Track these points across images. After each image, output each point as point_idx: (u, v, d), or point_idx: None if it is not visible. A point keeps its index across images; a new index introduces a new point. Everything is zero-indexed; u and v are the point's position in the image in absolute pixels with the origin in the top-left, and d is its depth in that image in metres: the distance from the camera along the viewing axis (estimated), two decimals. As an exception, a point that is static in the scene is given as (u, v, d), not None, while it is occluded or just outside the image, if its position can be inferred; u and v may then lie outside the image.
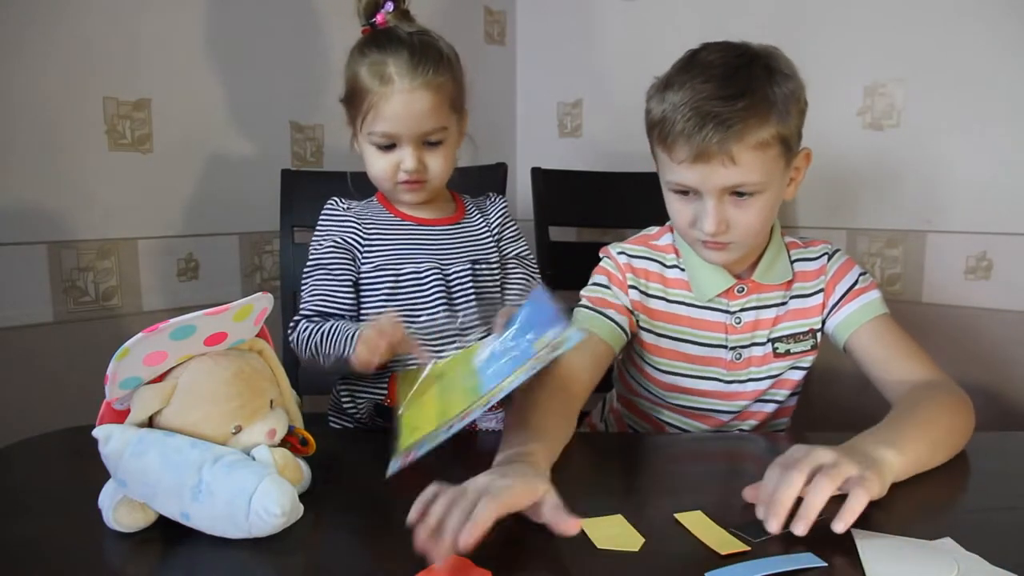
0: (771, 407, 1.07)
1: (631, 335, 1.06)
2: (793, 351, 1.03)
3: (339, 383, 1.08)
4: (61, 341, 1.32)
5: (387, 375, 1.00)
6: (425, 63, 0.98)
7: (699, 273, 1.02)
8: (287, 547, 0.65)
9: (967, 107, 1.38)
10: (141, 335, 0.65)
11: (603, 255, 1.08)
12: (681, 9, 1.70)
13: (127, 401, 0.70)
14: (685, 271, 1.04)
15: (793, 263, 1.04)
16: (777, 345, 1.03)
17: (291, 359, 1.01)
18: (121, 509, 0.66)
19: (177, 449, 0.66)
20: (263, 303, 0.73)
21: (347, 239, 1.05)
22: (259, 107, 1.54)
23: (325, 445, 0.79)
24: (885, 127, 1.48)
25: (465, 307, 1.05)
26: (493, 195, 1.17)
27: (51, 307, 1.31)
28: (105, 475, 0.68)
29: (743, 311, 1.02)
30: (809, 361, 1.05)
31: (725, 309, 1.02)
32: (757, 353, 1.03)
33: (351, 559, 0.66)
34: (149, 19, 1.38)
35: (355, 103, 1.01)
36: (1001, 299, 1.39)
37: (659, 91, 0.94)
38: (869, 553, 0.62)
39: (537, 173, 1.56)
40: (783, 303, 1.03)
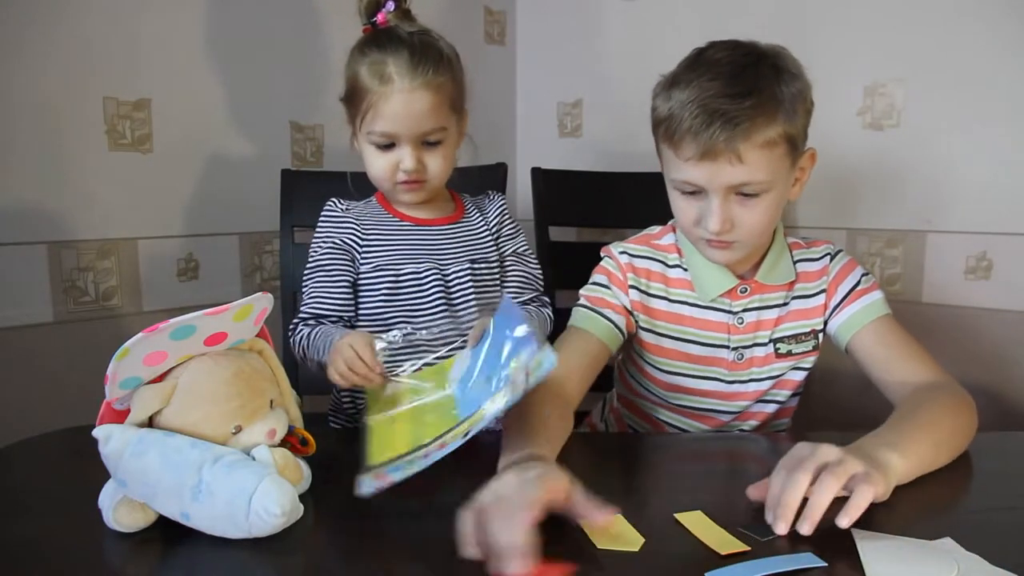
0: (772, 407, 1.06)
1: (630, 335, 1.06)
2: (795, 351, 1.03)
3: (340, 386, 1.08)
4: (61, 341, 1.32)
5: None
6: (425, 63, 0.98)
7: (702, 273, 1.02)
8: (287, 547, 0.65)
9: (967, 107, 1.38)
10: (141, 335, 0.65)
11: (604, 254, 1.08)
12: (681, 9, 1.70)
13: (127, 401, 0.70)
14: (688, 271, 1.04)
15: (796, 263, 1.04)
16: (779, 346, 1.03)
17: (291, 359, 1.01)
18: (121, 509, 0.66)
19: (177, 449, 0.66)
20: (263, 303, 0.73)
21: (345, 240, 1.05)
22: (259, 107, 1.54)
23: (325, 445, 0.79)
24: (885, 127, 1.48)
25: (464, 307, 1.05)
26: (492, 193, 1.17)
27: (51, 307, 1.31)
28: (105, 475, 0.68)
29: (745, 311, 1.02)
30: (811, 362, 1.05)
31: (727, 309, 1.02)
32: (759, 354, 1.03)
33: (351, 559, 0.66)
34: (149, 19, 1.38)
35: (355, 102, 1.01)
36: (1001, 299, 1.39)
37: (665, 88, 0.93)
38: (869, 553, 0.62)
39: (537, 173, 1.55)
40: (785, 303, 1.03)
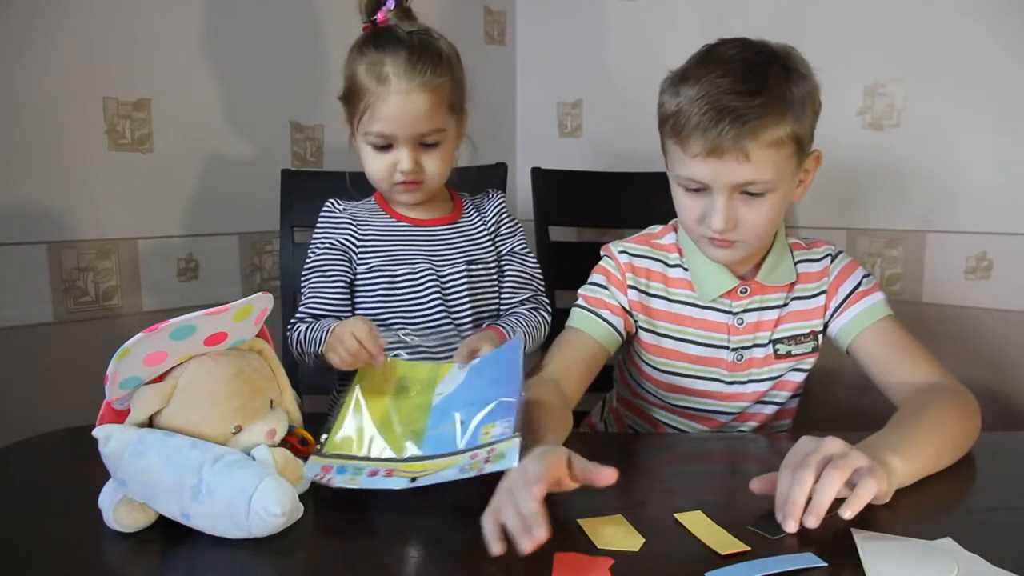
0: (771, 409, 1.06)
1: (630, 336, 1.06)
2: (794, 352, 1.03)
3: (339, 383, 1.08)
4: (61, 341, 1.32)
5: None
6: (423, 64, 0.97)
7: (702, 273, 1.02)
8: (287, 547, 0.65)
9: (967, 107, 1.38)
10: (141, 335, 0.65)
11: (604, 253, 1.08)
12: (681, 9, 1.70)
13: (127, 401, 0.70)
14: (688, 271, 1.04)
15: (796, 264, 1.04)
16: (778, 347, 1.03)
17: (291, 359, 1.01)
18: (121, 509, 0.66)
19: (177, 449, 0.66)
20: (263, 303, 0.73)
21: (342, 241, 1.05)
22: (259, 107, 1.54)
23: (325, 445, 0.79)
24: (885, 127, 1.48)
25: (460, 308, 1.04)
26: (492, 191, 1.16)
27: (51, 307, 1.31)
28: (105, 475, 0.68)
29: (745, 312, 1.02)
30: (810, 363, 1.05)
31: (727, 310, 1.02)
32: (758, 355, 1.03)
33: (351, 559, 0.66)
34: (149, 19, 1.38)
35: (352, 102, 1.01)
36: (1001, 299, 1.39)
37: (674, 84, 0.93)
38: (869, 553, 0.61)
39: (537, 173, 1.55)
40: (784, 304, 1.03)
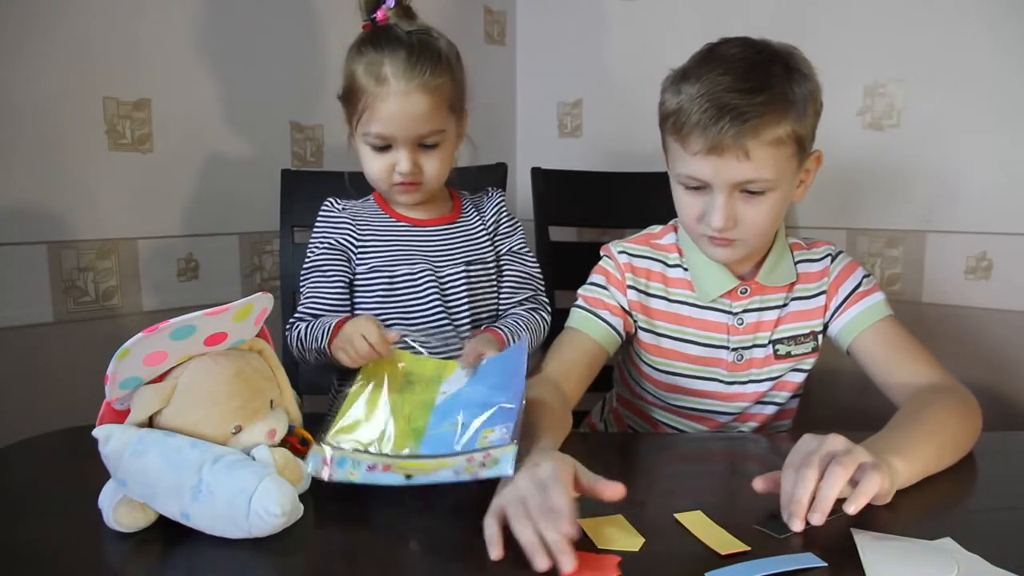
0: (771, 409, 1.06)
1: (629, 336, 1.05)
2: (794, 353, 1.03)
3: (339, 383, 1.08)
4: (61, 341, 1.32)
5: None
6: (422, 64, 0.96)
7: (702, 273, 1.02)
8: (287, 547, 0.65)
9: (967, 107, 1.38)
10: (141, 335, 0.65)
11: (604, 253, 1.08)
12: (681, 9, 1.70)
13: (127, 401, 0.70)
14: (688, 271, 1.04)
15: (796, 264, 1.04)
16: (778, 347, 1.02)
17: (291, 359, 1.01)
18: (121, 509, 0.66)
19: (177, 449, 0.66)
20: (263, 303, 0.73)
21: (341, 241, 1.05)
22: (259, 107, 1.54)
23: (325, 445, 0.79)
24: (885, 127, 1.48)
25: (458, 309, 1.04)
26: (492, 190, 1.16)
27: (51, 307, 1.31)
28: (105, 475, 0.68)
29: (745, 312, 1.02)
30: (810, 363, 1.05)
31: (727, 310, 1.02)
32: (758, 355, 1.03)
33: (351, 559, 0.66)
34: (148, 19, 1.37)
35: (351, 102, 1.00)
36: (1001, 299, 1.39)
37: (675, 82, 0.93)
38: (869, 553, 0.61)
39: (537, 173, 1.55)
40: (784, 304, 1.03)
